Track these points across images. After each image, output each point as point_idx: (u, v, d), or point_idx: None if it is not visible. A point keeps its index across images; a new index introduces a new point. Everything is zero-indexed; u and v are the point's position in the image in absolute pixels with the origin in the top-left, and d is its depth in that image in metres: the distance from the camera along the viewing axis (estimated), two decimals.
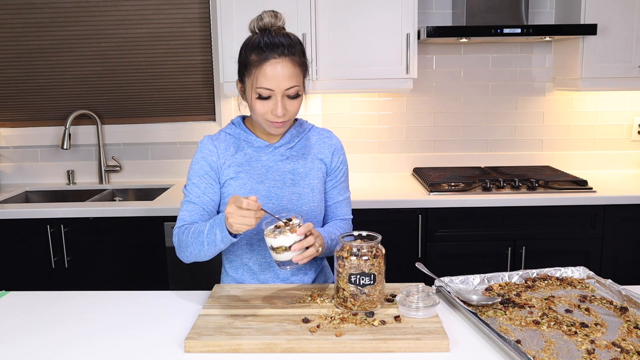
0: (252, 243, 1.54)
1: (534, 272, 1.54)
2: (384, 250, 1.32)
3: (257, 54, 1.39)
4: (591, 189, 2.56)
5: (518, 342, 1.16)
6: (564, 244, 2.53)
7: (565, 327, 1.22)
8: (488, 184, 2.59)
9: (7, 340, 1.25)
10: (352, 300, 1.30)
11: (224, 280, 1.63)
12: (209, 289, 1.49)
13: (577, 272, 1.55)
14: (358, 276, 1.28)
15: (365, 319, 1.25)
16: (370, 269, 1.29)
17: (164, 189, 2.91)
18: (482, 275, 1.51)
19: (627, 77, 2.68)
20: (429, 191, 2.57)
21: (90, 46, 2.98)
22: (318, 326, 1.22)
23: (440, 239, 2.52)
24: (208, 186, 1.51)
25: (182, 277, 2.50)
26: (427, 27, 2.54)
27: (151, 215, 2.46)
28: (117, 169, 3.04)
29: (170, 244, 2.46)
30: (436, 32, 2.55)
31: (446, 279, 1.48)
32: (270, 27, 1.42)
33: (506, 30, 2.55)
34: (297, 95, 1.44)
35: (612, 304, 1.35)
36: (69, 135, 2.91)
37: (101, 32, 2.97)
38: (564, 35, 2.59)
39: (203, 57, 3.00)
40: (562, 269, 1.55)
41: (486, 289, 1.46)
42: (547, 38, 2.73)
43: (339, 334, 1.19)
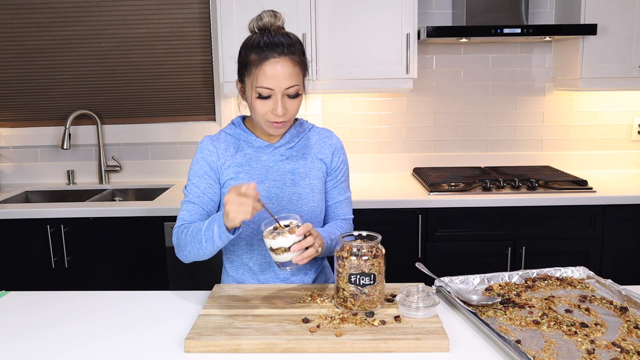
0: (252, 243, 1.54)
1: (534, 272, 1.54)
2: (384, 250, 1.32)
3: (256, 53, 1.39)
4: (591, 189, 2.56)
5: (518, 342, 1.16)
6: (564, 244, 2.53)
7: (565, 327, 1.22)
8: (488, 184, 2.59)
9: (7, 340, 1.25)
10: (352, 300, 1.30)
11: (224, 280, 1.63)
12: (209, 289, 1.49)
13: (577, 272, 1.55)
14: (358, 276, 1.28)
15: (365, 319, 1.25)
16: (370, 269, 1.29)
17: (164, 189, 2.91)
18: (482, 275, 1.51)
19: (627, 77, 2.68)
20: (429, 191, 2.57)
21: (90, 46, 2.98)
22: (318, 326, 1.22)
23: (440, 239, 2.52)
24: (208, 186, 1.51)
25: (182, 277, 2.50)
26: (427, 27, 2.54)
27: (151, 215, 2.46)
28: (117, 169, 3.04)
29: (170, 244, 2.46)
30: (436, 32, 2.55)
31: (446, 279, 1.48)
32: (270, 26, 1.42)
33: (506, 30, 2.55)
34: (297, 95, 1.43)
35: (612, 304, 1.35)
36: (69, 135, 2.91)
37: (101, 32, 2.97)
38: (564, 35, 2.59)
39: (203, 57, 3.00)
40: (562, 269, 1.55)
41: (486, 289, 1.46)
42: (547, 38, 2.73)
43: (339, 334, 1.19)
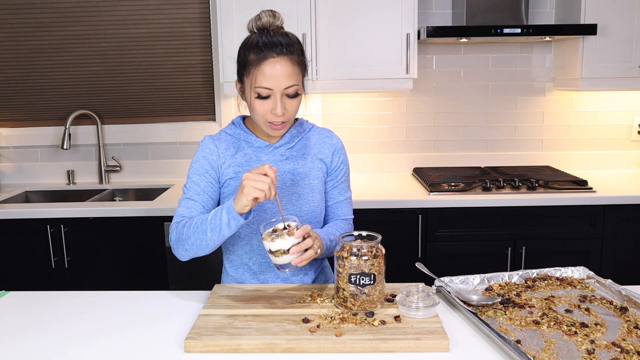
0: (252, 243, 1.54)
1: (534, 272, 1.54)
2: (384, 250, 1.32)
3: (255, 53, 1.39)
4: (591, 189, 2.56)
5: (518, 342, 1.16)
6: (564, 244, 2.53)
7: (565, 327, 1.22)
8: (488, 184, 2.59)
9: (7, 340, 1.24)
10: (352, 300, 1.30)
11: (224, 280, 1.63)
12: (209, 289, 1.49)
13: (577, 272, 1.55)
14: (358, 276, 1.28)
15: (365, 319, 1.25)
16: (370, 269, 1.28)
17: (164, 189, 2.91)
18: (482, 275, 1.51)
19: (627, 77, 2.68)
20: (429, 191, 2.57)
21: (90, 46, 2.98)
22: (318, 326, 1.22)
23: (440, 239, 2.52)
24: (208, 185, 1.50)
25: (182, 277, 2.50)
26: (427, 27, 2.54)
27: (151, 215, 2.46)
28: (117, 169, 3.04)
29: None
30: (436, 32, 2.55)
31: (446, 279, 1.48)
32: (269, 26, 1.42)
33: (506, 30, 2.55)
34: (296, 95, 1.43)
35: (612, 304, 1.35)
36: (69, 135, 2.91)
37: (101, 32, 2.97)
38: (564, 35, 2.59)
39: (203, 57, 3.00)
40: (562, 269, 1.55)
41: (486, 289, 1.46)
42: (547, 38, 2.73)
43: (339, 334, 1.18)
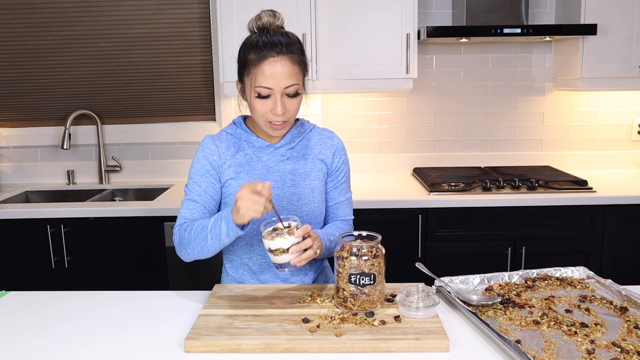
0: (252, 243, 1.54)
1: (534, 272, 1.54)
2: (384, 250, 1.32)
3: (255, 53, 1.39)
4: (591, 189, 2.56)
5: (518, 342, 1.16)
6: (564, 244, 2.53)
7: (565, 327, 1.22)
8: (488, 184, 2.59)
9: (7, 340, 1.24)
10: (352, 300, 1.30)
11: (224, 280, 1.63)
12: (209, 289, 1.49)
13: (577, 272, 1.55)
14: (358, 276, 1.28)
15: (365, 319, 1.25)
16: (370, 269, 1.28)
17: (164, 189, 2.91)
18: (482, 275, 1.51)
19: (627, 77, 2.68)
20: (429, 191, 2.57)
21: (90, 46, 2.98)
22: (318, 326, 1.22)
23: (440, 239, 2.52)
24: (209, 185, 1.50)
25: (182, 277, 2.50)
26: (427, 27, 2.54)
27: (151, 215, 2.46)
28: (117, 169, 3.04)
29: (171, 244, 2.46)
30: (436, 32, 2.55)
31: (446, 279, 1.48)
32: (269, 26, 1.42)
33: (506, 30, 2.55)
34: (296, 94, 1.43)
35: (612, 304, 1.35)
36: (69, 135, 2.91)
37: (101, 32, 2.97)
38: (564, 35, 2.59)
39: (203, 57, 3.00)
40: (562, 269, 1.55)
41: (486, 289, 1.46)
42: (547, 38, 2.73)
43: (339, 334, 1.18)
